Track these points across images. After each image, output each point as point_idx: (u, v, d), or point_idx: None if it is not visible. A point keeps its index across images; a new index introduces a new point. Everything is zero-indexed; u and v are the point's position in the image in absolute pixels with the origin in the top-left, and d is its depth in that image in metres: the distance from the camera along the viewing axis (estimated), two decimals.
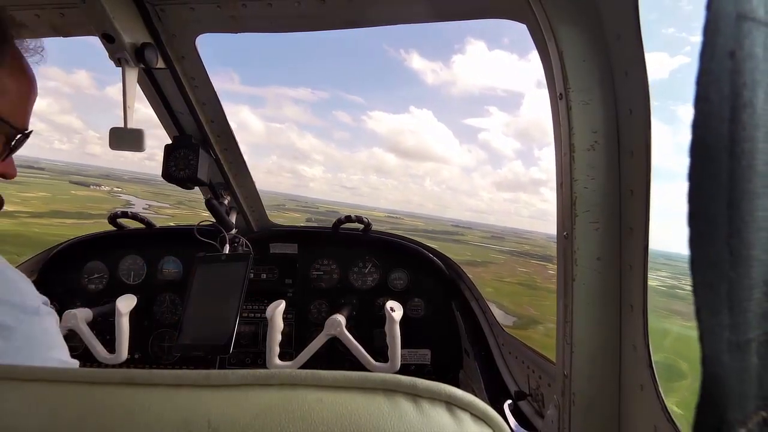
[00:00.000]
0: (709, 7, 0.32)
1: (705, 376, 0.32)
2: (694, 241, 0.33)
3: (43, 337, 0.72)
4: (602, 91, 0.88)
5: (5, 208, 0.96)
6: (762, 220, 0.32)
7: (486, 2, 1.15)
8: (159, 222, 2.25)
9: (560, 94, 0.91)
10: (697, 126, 0.32)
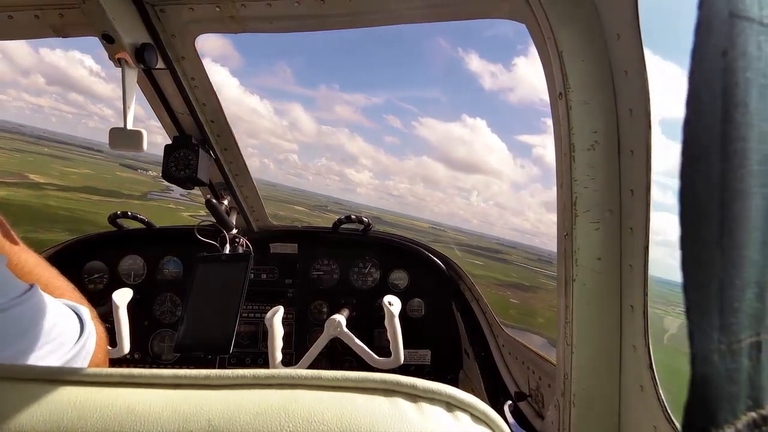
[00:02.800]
0: (701, 6, 0.31)
1: (694, 376, 0.32)
2: (685, 240, 0.33)
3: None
4: (602, 90, 0.88)
5: (33, 178, 0.95)
6: (755, 220, 0.32)
7: (485, 2, 1.15)
8: (192, 210, 2.26)
9: (560, 93, 0.90)
10: (689, 125, 0.32)
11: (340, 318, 1.78)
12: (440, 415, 0.38)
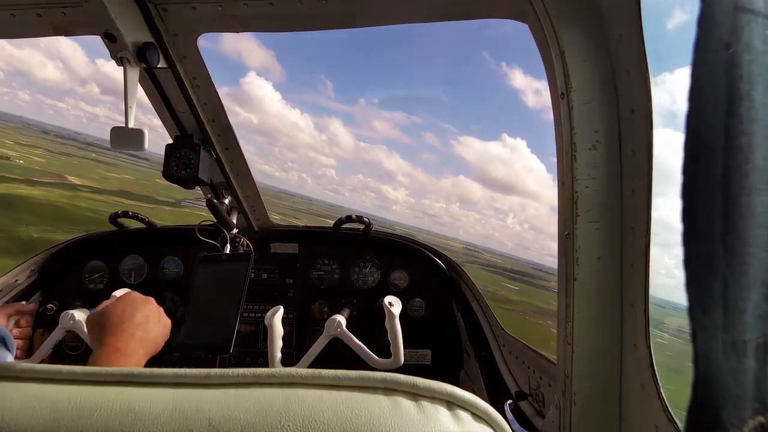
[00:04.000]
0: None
1: (697, 375, 0.31)
2: (688, 236, 0.32)
3: None
4: (604, 90, 0.88)
5: (71, 180, 1.01)
6: (761, 217, 0.31)
7: (487, 2, 1.15)
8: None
9: (562, 93, 0.90)
10: (692, 119, 0.31)
11: (341, 318, 1.78)
12: (441, 413, 0.38)
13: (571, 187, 0.89)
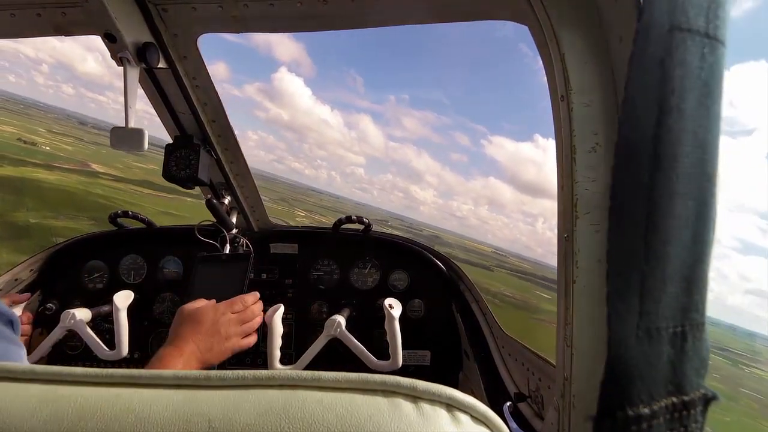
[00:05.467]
0: (640, 19, 0.33)
1: (610, 356, 0.34)
2: (612, 231, 0.35)
3: None
4: (604, 93, 0.88)
5: (94, 167, 1.02)
6: (686, 219, 0.33)
7: (488, 3, 1.15)
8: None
9: (561, 95, 0.91)
10: (623, 127, 0.34)
11: (340, 318, 1.78)
12: (440, 416, 0.38)
13: (570, 190, 0.90)
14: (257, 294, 1.52)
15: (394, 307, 1.75)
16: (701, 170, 0.33)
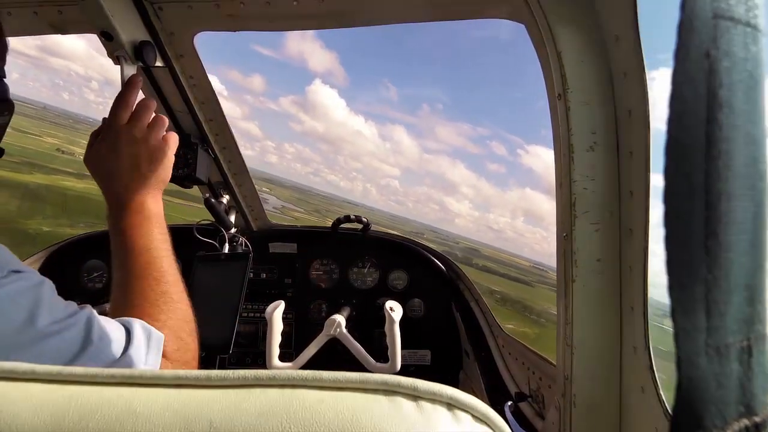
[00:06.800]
0: (684, 7, 0.31)
1: (680, 379, 0.31)
2: (670, 240, 0.32)
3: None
4: (601, 92, 0.88)
5: None
6: (743, 223, 0.32)
7: (484, 2, 1.15)
8: (277, 220, 2.28)
9: (559, 94, 0.91)
10: (672, 125, 0.32)
11: (340, 318, 1.78)
12: (441, 415, 0.38)
13: (568, 189, 0.90)
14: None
15: (395, 310, 1.75)
16: (754, 169, 0.32)
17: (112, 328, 0.80)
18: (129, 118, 1.04)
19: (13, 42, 1.00)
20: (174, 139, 1.10)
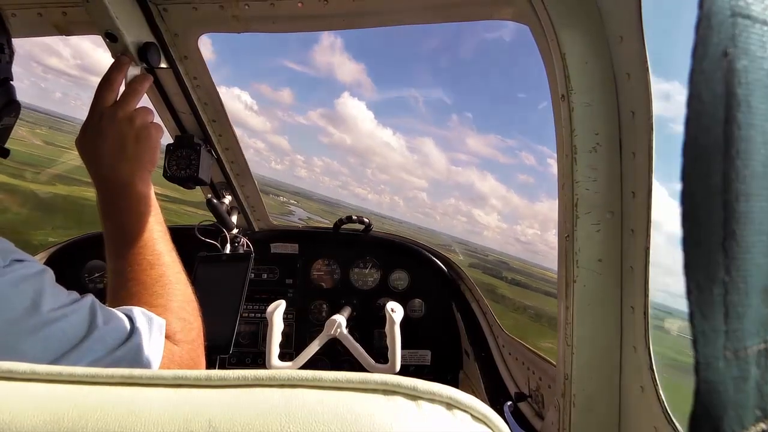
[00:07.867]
0: (702, 5, 0.31)
1: (699, 383, 0.31)
2: (688, 242, 0.32)
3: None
4: (604, 93, 0.88)
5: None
6: (761, 223, 0.31)
7: (488, 3, 1.15)
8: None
9: (562, 95, 0.91)
10: (690, 125, 0.31)
11: (341, 319, 1.78)
12: (441, 415, 0.38)
13: (571, 189, 0.90)
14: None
15: (395, 311, 1.75)
16: None
17: (115, 314, 0.81)
18: (116, 100, 1.04)
19: (55, 63, 1.01)
20: (160, 128, 1.09)
